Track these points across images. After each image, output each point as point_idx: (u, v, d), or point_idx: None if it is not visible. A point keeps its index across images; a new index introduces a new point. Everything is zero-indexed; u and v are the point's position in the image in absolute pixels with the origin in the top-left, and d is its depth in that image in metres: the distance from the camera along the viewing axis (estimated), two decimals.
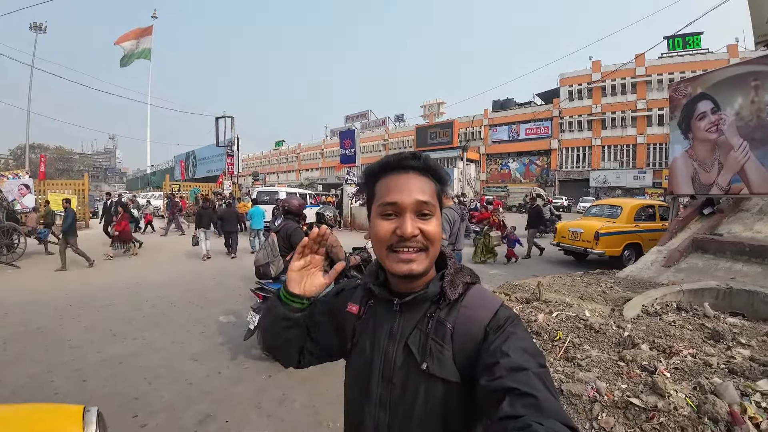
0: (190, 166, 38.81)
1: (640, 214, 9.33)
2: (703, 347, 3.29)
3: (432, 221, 0.82)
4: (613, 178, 35.54)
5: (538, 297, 4.76)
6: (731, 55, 29.86)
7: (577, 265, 9.38)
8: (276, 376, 3.82)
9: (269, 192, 16.79)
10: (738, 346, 3.36)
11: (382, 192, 0.84)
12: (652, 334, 3.53)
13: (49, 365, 3.96)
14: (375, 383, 0.85)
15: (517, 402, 0.65)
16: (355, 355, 0.92)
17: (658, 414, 2.28)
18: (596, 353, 3.18)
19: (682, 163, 7.57)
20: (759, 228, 6.27)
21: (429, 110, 50.19)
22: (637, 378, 2.72)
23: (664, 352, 3.17)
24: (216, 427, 2.97)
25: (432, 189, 0.84)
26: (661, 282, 5.66)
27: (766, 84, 5.98)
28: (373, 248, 0.87)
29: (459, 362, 0.80)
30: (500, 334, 0.78)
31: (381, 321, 0.89)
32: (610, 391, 2.56)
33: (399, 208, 0.81)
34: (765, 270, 5.31)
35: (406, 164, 0.85)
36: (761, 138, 6.10)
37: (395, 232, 0.80)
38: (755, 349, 3.28)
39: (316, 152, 63.47)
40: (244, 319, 5.21)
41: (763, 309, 4.32)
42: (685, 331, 3.62)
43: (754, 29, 6.87)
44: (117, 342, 4.59)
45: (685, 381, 2.69)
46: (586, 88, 37.58)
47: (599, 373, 2.85)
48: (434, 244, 0.82)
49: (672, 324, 3.80)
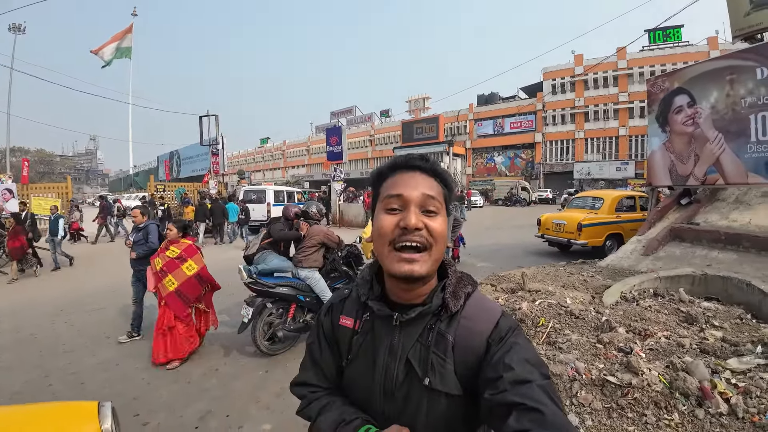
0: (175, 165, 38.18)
1: (621, 205, 9.62)
2: (677, 329, 3.49)
3: (438, 218, 0.79)
4: (597, 170, 36.16)
5: (523, 287, 4.94)
6: (711, 47, 30.53)
7: (561, 255, 9.63)
8: (273, 371, 3.92)
9: (256, 191, 16.84)
10: (711, 328, 3.56)
11: (388, 187, 0.82)
12: (628, 318, 3.72)
13: (46, 370, 4.00)
14: (377, 399, 0.85)
15: (524, 417, 0.64)
16: (352, 370, 0.90)
17: (632, 390, 2.46)
18: (576, 337, 3.36)
19: (659, 155, 7.83)
20: (734, 217, 6.53)
21: (414, 105, 50.28)
22: (614, 358, 2.90)
23: (640, 335, 3.36)
24: (217, 422, 3.07)
25: (439, 189, 0.83)
26: (640, 270, 5.89)
27: (742, 78, 6.18)
28: (374, 247, 0.84)
29: (460, 374, 0.79)
30: (502, 346, 0.77)
31: (380, 336, 0.86)
32: (588, 371, 2.73)
33: (404, 201, 0.78)
34: (740, 257, 5.54)
35: (414, 164, 0.84)
36: (736, 130, 6.31)
37: (398, 225, 0.77)
38: (728, 331, 3.47)
39: (302, 149, 63.16)
40: (235, 315, 5.30)
41: (737, 294, 4.52)
42: (660, 315, 3.83)
43: (731, 23, 7.07)
44: (111, 345, 4.63)
45: (658, 360, 2.88)
46: (569, 82, 38.11)
47: (578, 354, 3.02)
48: (438, 243, 0.79)
49: (648, 308, 4.01)
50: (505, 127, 42.39)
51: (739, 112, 6.23)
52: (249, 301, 4.20)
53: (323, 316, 0.97)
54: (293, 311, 4.36)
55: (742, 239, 5.73)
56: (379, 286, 0.88)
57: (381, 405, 0.84)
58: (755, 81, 5.94)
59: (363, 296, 0.88)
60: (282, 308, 4.34)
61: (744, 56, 6.19)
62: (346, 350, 0.90)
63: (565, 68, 38.28)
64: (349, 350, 0.90)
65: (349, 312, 0.92)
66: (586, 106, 37.30)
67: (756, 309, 4.08)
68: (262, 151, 72.54)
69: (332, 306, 0.96)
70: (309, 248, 4.41)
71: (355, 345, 0.89)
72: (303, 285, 4.37)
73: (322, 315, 0.97)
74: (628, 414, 2.37)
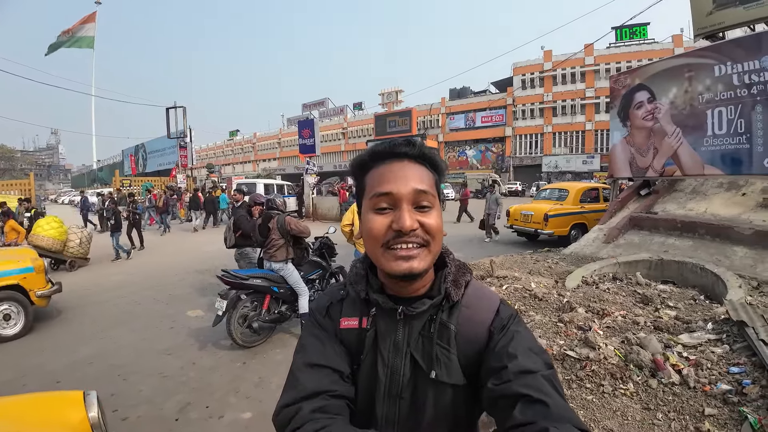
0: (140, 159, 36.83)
1: (585, 197, 10.09)
2: (633, 309, 3.77)
3: (432, 214, 0.73)
4: (564, 163, 37.36)
5: (492, 273, 5.17)
6: (676, 45, 31.68)
7: (529, 245, 10.00)
8: (250, 362, 3.97)
9: (248, 184, 17.88)
10: (666, 308, 3.85)
11: (374, 182, 0.75)
12: (588, 299, 3.99)
13: (20, 371, 3.91)
14: (380, 402, 0.79)
15: (529, 409, 0.64)
16: (361, 372, 0.81)
17: (590, 363, 2.68)
18: (540, 317, 3.59)
19: (620, 149, 8.24)
20: (691, 206, 6.97)
21: (387, 98, 50.24)
22: (573, 335, 3.12)
23: (598, 314, 3.62)
24: (197, 413, 3.10)
25: (430, 178, 0.76)
26: (601, 257, 6.23)
27: (700, 75, 6.53)
28: (365, 248, 0.79)
29: (463, 364, 0.78)
30: (505, 334, 0.76)
31: (384, 333, 0.80)
32: (550, 347, 2.94)
33: (394, 199, 0.72)
34: (695, 243, 5.92)
35: (399, 151, 0.76)
36: (693, 125, 6.70)
37: (391, 227, 0.71)
38: (681, 311, 3.77)
39: (273, 142, 61.98)
40: (211, 312, 5.27)
41: (691, 277, 4.87)
42: (618, 297, 4.11)
43: (694, 22, 7.44)
44: (84, 343, 4.55)
45: (614, 337, 3.13)
46: (538, 77, 39.04)
47: (541, 333, 3.24)
48: (435, 239, 0.74)
49: (607, 291, 4.30)
50: (476, 121, 43.08)
51: (696, 107, 6.60)
52: (223, 293, 4.18)
53: (321, 316, 0.85)
54: (268, 303, 4.39)
55: (698, 227, 6.12)
56: (377, 279, 0.81)
57: (384, 410, 0.79)
58: (713, 78, 6.30)
59: (362, 292, 0.82)
60: (256, 300, 4.36)
61: (703, 54, 6.56)
62: (356, 351, 0.81)
63: (534, 64, 39.15)
64: (360, 350, 0.81)
65: (352, 312, 0.83)
66: (554, 101, 38.36)
67: (709, 290, 4.44)
68: (232, 144, 70.78)
69: (331, 306, 0.85)
70: (277, 241, 4.40)
71: (368, 341, 0.81)
72: (277, 276, 4.40)
73: (320, 315, 0.85)
74: (587, 385, 2.58)
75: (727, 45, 6.41)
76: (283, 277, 4.42)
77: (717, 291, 4.32)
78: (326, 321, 0.84)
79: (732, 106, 6.03)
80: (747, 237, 5.34)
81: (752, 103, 5.75)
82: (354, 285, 0.84)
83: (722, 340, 2.99)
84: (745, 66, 5.76)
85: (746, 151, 5.90)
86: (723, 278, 4.28)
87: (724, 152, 6.25)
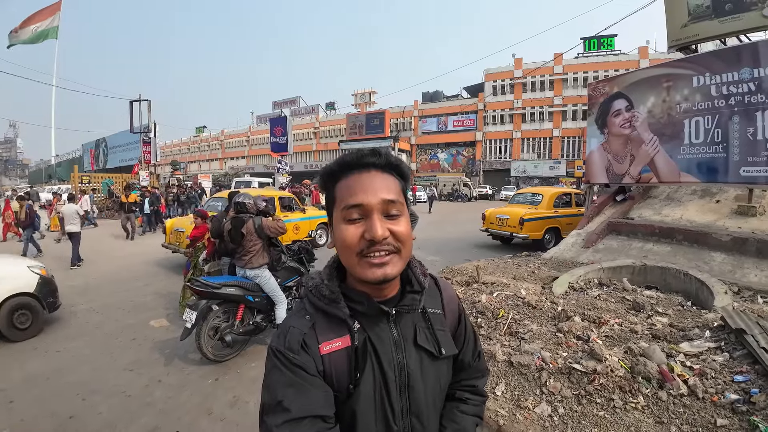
0: (101, 155, 34.76)
1: (558, 201, 10.22)
2: (626, 317, 3.69)
3: (401, 221, 0.77)
4: (532, 168, 38.31)
5: (477, 279, 5.02)
6: (642, 56, 33.09)
7: (504, 248, 10.04)
8: (223, 378, 3.63)
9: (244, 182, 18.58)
10: (657, 315, 3.80)
11: (344, 194, 0.77)
12: (581, 307, 3.89)
13: None
14: (396, 399, 0.81)
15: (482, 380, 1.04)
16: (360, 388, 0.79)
17: (598, 376, 2.54)
18: (536, 327, 3.45)
19: (597, 155, 8.35)
20: (666, 212, 7.12)
21: (360, 99, 49.99)
22: (575, 346, 2.99)
23: (594, 323, 3.52)
24: None
25: (397, 186, 0.79)
26: (582, 261, 6.24)
27: (678, 85, 6.67)
28: (340, 258, 0.81)
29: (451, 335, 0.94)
30: (465, 316, 1.00)
31: (379, 337, 0.82)
32: (554, 360, 2.79)
33: (365, 210, 0.75)
34: (673, 249, 6.01)
35: (366, 162, 0.78)
36: (671, 133, 6.84)
37: (363, 236, 0.74)
38: (672, 317, 3.72)
39: (242, 139, 59.96)
40: (177, 321, 4.87)
41: (674, 283, 4.90)
42: (609, 304, 4.04)
43: (668, 33, 7.61)
44: (38, 356, 4.08)
45: (615, 347, 3.02)
46: (509, 84, 39.86)
47: (542, 344, 3.09)
48: (406, 245, 0.77)
49: (597, 297, 4.23)
50: (448, 125, 43.53)
51: (674, 116, 6.74)
52: (192, 304, 3.79)
53: (296, 354, 0.76)
54: (241, 313, 4.04)
55: (675, 233, 6.22)
56: (353, 290, 0.82)
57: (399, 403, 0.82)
58: (691, 88, 6.44)
59: (344, 308, 0.79)
60: (229, 310, 4.01)
61: (681, 65, 6.70)
62: (348, 369, 0.79)
63: (505, 71, 39.96)
64: (356, 365, 0.79)
65: (331, 334, 0.80)
66: (524, 108, 39.25)
67: (693, 297, 4.44)
68: (198, 140, 67.94)
69: (305, 337, 0.78)
70: (252, 246, 4.06)
71: (366, 352, 0.80)
72: (251, 284, 4.07)
73: (293, 354, 0.76)
74: (597, 399, 2.43)
75: (705, 57, 6.55)
76: (259, 285, 4.09)
77: (701, 297, 4.33)
78: (303, 357, 0.77)
79: (709, 116, 6.17)
80: (725, 243, 5.44)
81: (729, 114, 5.89)
82: (329, 305, 0.81)
83: (721, 347, 2.93)
84: (723, 77, 5.90)
85: (722, 159, 6.05)
86: (708, 284, 4.30)
87: (700, 160, 6.38)
